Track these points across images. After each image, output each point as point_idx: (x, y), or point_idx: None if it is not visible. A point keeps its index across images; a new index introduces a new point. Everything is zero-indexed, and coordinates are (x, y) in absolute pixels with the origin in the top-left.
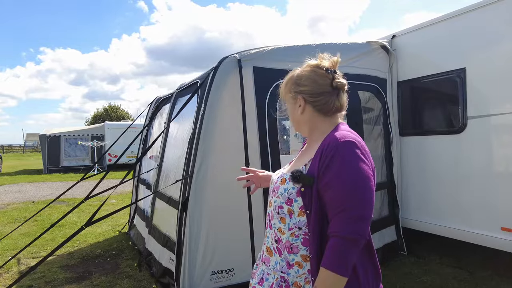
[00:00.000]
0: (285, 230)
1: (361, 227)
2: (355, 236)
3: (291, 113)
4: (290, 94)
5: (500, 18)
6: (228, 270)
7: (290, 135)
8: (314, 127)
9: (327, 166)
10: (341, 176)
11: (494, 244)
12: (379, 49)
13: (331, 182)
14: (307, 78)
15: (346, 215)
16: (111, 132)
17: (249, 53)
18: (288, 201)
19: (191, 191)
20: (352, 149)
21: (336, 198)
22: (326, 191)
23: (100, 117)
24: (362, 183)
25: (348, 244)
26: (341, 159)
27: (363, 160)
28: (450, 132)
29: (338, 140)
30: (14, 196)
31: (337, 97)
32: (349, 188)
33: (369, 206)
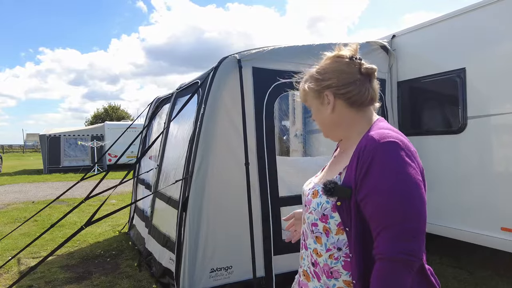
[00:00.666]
0: (322, 251)
1: (412, 246)
2: (406, 257)
3: (318, 115)
4: (312, 94)
5: (500, 18)
6: (227, 268)
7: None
8: (349, 127)
9: (365, 173)
10: (383, 185)
11: (494, 244)
12: (379, 49)
13: (371, 193)
14: (331, 70)
15: (393, 232)
16: (111, 132)
17: (249, 53)
18: (322, 217)
19: (191, 190)
20: (395, 151)
21: (379, 212)
22: (367, 204)
23: (100, 117)
24: (410, 192)
25: (398, 267)
26: (381, 164)
27: (408, 163)
28: (450, 132)
29: (376, 141)
30: (14, 196)
31: (370, 85)
32: (393, 199)
33: (420, 219)
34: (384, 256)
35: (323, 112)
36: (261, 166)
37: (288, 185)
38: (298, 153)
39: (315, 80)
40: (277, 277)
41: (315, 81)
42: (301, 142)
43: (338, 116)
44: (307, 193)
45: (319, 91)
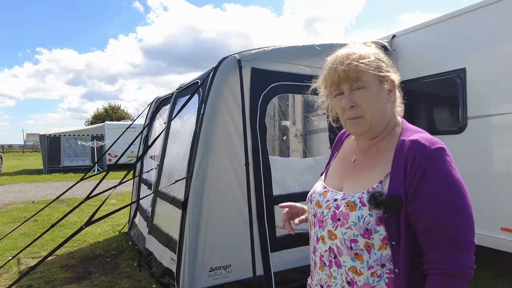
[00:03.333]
0: (363, 269)
1: (470, 258)
2: (467, 270)
3: (374, 97)
4: (376, 73)
5: (500, 18)
6: (226, 267)
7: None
8: (387, 121)
9: (418, 184)
10: (439, 197)
11: (494, 244)
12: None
13: (426, 205)
14: (388, 61)
15: (453, 245)
16: (111, 132)
17: (249, 54)
18: (365, 232)
19: (190, 190)
20: (445, 159)
21: (436, 225)
22: (420, 216)
23: (100, 117)
24: (464, 203)
25: (459, 281)
26: (436, 174)
27: (456, 170)
28: (450, 132)
29: (427, 148)
30: (14, 196)
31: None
32: (450, 211)
33: (473, 229)
34: (446, 271)
35: (382, 95)
36: (256, 166)
37: (281, 184)
38: (298, 153)
39: (379, 62)
40: (276, 275)
41: (379, 62)
42: (301, 142)
43: (389, 107)
44: (332, 205)
45: (383, 73)
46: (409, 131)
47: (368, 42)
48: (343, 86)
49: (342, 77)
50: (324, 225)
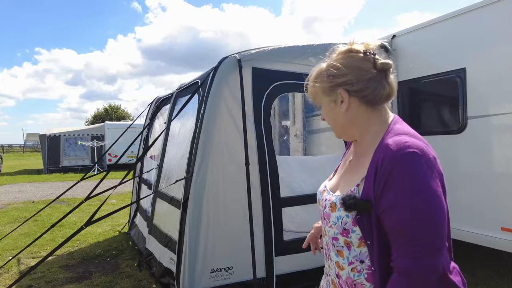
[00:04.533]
0: (345, 265)
1: (432, 261)
2: (423, 273)
3: (330, 114)
4: (324, 91)
5: (500, 18)
6: (227, 268)
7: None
8: (364, 127)
9: (383, 188)
10: (403, 201)
11: (494, 244)
12: (379, 49)
13: (390, 208)
14: (345, 65)
15: (413, 247)
16: (111, 132)
17: (249, 53)
18: (343, 231)
19: (191, 190)
20: (414, 163)
21: (399, 227)
22: (385, 218)
23: (100, 117)
24: (430, 207)
25: (416, 283)
26: (401, 179)
27: (428, 175)
28: (450, 132)
29: (395, 153)
30: (14, 196)
31: (386, 81)
32: (413, 215)
33: (441, 233)
34: (403, 270)
35: (336, 111)
36: (262, 166)
37: (289, 185)
38: (299, 153)
39: (327, 77)
40: (278, 278)
41: (327, 77)
42: (301, 142)
43: (353, 115)
44: (324, 204)
45: (331, 88)
46: (391, 133)
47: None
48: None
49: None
50: (323, 222)
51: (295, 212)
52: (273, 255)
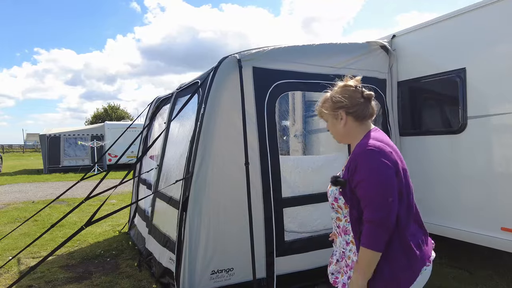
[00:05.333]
0: (341, 217)
1: (383, 214)
2: (380, 220)
3: (333, 128)
4: (329, 112)
5: (500, 18)
6: (228, 270)
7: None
8: (354, 135)
9: (353, 171)
10: (365, 179)
11: (494, 244)
12: (379, 49)
13: (359, 184)
14: (343, 95)
15: (371, 206)
16: (111, 132)
17: (249, 53)
18: (335, 199)
19: (191, 190)
20: (371, 155)
21: (364, 195)
22: (357, 190)
23: (100, 117)
24: (380, 182)
25: (376, 227)
26: (362, 165)
27: (381, 162)
28: (450, 132)
29: (361, 149)
30: (14, 196)
31: (369, 104)
32: (370, 186)
33: (387, 198)
34: (368, 220)
35: (337, 125)
36: (263, 166)
37: (291, 186)
38: (298, 153)
39: (332, 102)
40: (279, 278)
41: (332, 103)
42: (301, 142)
43: (348, 128)
44: (329, 185)
45: (335, 110)
46: (365, 138)
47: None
48: None
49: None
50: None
51: (296, 212)
52: (274, 255)
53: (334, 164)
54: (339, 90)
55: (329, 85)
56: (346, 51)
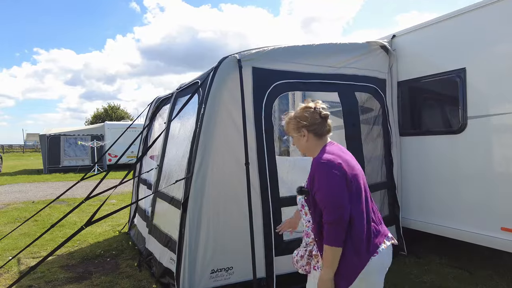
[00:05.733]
0: (304, 223)
1: (337, 215)
2: (335, 221)
3: (298, 143)
4: (294, 130)
5: (500, 18)
6: (228, 269)
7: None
8: (314, 149)
9: (312, 181)
10: (320, 188)
11: (494, 244)
12: (379, 49)
13: (316, 192)
14: (305, 116)
15: (328, 210)
16: (111, 132)
17: (249, 53)
18: (302, 206)
19: (191, 191)
20: (325, 168)
21: (321, 201)
22: (315, 196)
23: (100, 117)
24: (332, 190)
25: (333, 226)
26: (318, 176)
27: (333, 173)
28: (450, 132)
29: (316, 163)
30: (14, 196)
31: (326, 123)
32: (326, 194)
33: (339, 203)
34: (326, 221)
35: (301, 141)
36: (261, 166)
37: (288, 185)
38: (298, 153)
39: (296, 122)
40: (278, 278)
41: (295, 122)
42: None
43: (310, 143)
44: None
45: (298, 128)
46: (320, 153)
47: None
48: None
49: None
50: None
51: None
52: (273, 255)
53: None
54: (301, 111)
55: (330, 84)
56: (346, 51)
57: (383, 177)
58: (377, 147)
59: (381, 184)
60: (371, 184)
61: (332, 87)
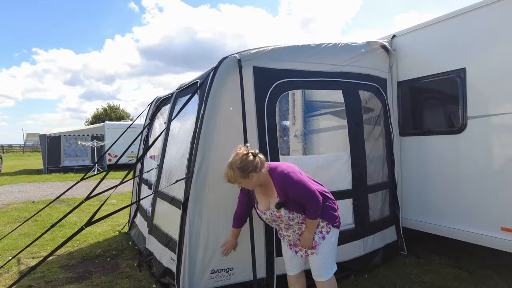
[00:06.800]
0: (292, 222)
1: (316, 198)
2: (318, 202)
3: (249, 184)
4: (245, 177)
5: (500, 18)
6: (228, 269)
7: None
8: (263, 179)
9: (286, 191)
10: (295, 188)
11: (494, 244)
12: (379, 49)
13: (294, 194)
14: (246, 163)
15: (309, 199)
16: (111, 132)
17: (249, 53)
18: (290, 214)
19: (191, 191)
20: (290, 175)
21: (301, 196)
22: (295, 198)
23: (100, 117)
24: (305, 185)
25: (315, 206)
26: (289, 184)
27: (298, 176)
28: (450, 132)
29: (280, 176)
30: (14, 196)
31: (262, 160)
32: (303, 191)
33: (313, 190)
34: (310, 206)
35: (251, 181)
36: None
37: None
38: (298, 153)
39: (240, 171)
40: (279, 278)
41: (240, 171)
42: (301, 142)
43: (258, 178)
44: (272, 214)
45: (246, 175)
46: (273, 171)
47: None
48: None
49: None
50: (275, 220)
51: None
52: (274, 255)
53: (335, 164)
54: (238, 159)
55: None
56: (347, 50)
57: (384, 177)
58: (379, 147)
59: (382, 184)
60: (373, 184)
61: (336, 85)
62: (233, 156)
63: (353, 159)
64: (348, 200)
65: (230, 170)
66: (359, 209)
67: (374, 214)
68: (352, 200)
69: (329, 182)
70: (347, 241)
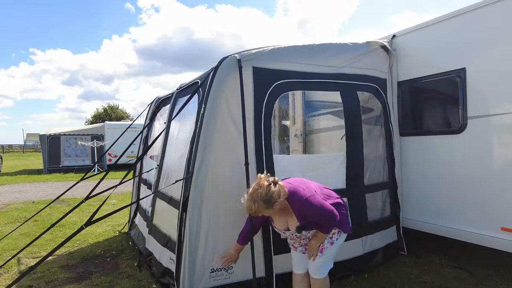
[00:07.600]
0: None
1: (334, 216)
2: (335, 220)
3: (271, 213)
4: (269, 209)
5: (500, 18)
6: (228, 268)
7: (290, 136)
8: (284, 205)
9: (304, 216)
10: (313, 212)
11: (494, 244)
12: (379, 49)
13: (313, 217)
14: (270, 194)
15: (327, 219)
16: (111, 132)
17: (249, 53)
18: (309, 232)
19: (191, 191)
20: (304, 199)
21: (320, 218)
22: (315, 220)
23: (100, 117)
24: (320, 205)
25: (332, 224)
26: (305, 208)
27: (317, 199)
28: (450, 132)
29: (297, 203)
30: (14, 196)
31: (281, 187)
32: (321, 212)
33: (329, 209)
34: (327, 225)
35: (274, 210)
36: (259, 166)
37: None
38: (298, 153)
39: (265, 203)
40: (278, 277)
41: (264, 203)
42: (301, 142)
43: (280, 206)
44: (291, 233)
45: (271, 206)
46: (290, 196)
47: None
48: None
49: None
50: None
51: None
52: (271, 253)
53: (333, 163)
54: (263, 191)
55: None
56: (347, 51)
57: (385, 177)
58: (379, 147)
59: (383, 184)
60: (373, 184)
61: (334, 86)
62: (255, 188)
63: (348, 159)
64: (344, 199)
65: (254, 204)
66: (356, 208)
67: (374, 214)
68: (347, 199)
69: (323, 181)
70: (345, 240)
